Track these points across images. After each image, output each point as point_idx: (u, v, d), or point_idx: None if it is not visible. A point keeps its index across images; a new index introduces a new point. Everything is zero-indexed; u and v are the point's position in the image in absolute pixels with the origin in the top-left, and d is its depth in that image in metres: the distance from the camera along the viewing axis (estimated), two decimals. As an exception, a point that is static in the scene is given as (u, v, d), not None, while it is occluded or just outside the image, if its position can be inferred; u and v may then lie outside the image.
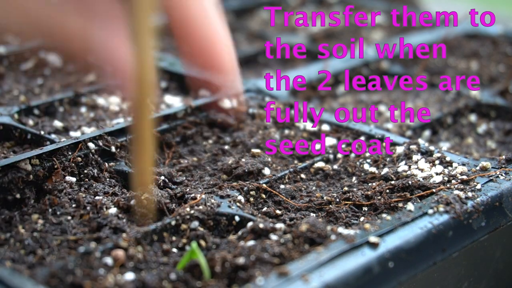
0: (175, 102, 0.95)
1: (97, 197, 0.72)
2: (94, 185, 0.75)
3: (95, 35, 0.63)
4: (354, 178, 0.80)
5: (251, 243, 0.65)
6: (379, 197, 0.74)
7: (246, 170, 0.79)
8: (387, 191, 0.75)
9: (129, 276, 0.61)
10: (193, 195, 0.72)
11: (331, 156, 0.84)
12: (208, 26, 0.70)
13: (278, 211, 0.73)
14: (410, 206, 0.70)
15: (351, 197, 0.75)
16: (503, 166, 0.79)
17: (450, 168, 0.78)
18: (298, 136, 0.87)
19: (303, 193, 0.78)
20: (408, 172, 0.78)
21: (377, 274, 0.62)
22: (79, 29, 0.63)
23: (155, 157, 0.68)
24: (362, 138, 0.85)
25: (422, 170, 0.78)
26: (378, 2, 1.44)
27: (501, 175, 0.76)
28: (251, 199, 0.75)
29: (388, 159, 0.81)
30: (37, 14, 0.63)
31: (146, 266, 0.63)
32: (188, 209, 0.69)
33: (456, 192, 0.72)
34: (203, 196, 0.72)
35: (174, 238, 0.68)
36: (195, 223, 0.69)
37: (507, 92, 1.02)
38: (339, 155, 0.83)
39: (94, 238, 0.66)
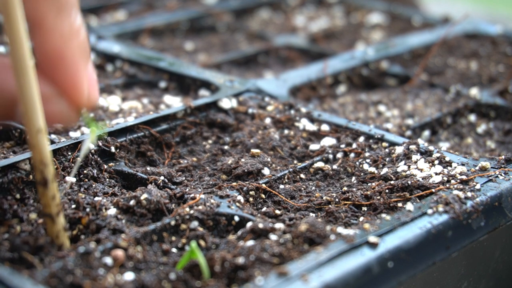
0: (174, 102, 0.95)
1: (96, 198, 0.72)
2: (93, 185, 0.75)
3: None
4: (353, 178, 0.80)
5: (250, 243, 0.65)
6: (379, 197, 0.74)
7: (246, 170, 0.79)
8: (387, 191, 0.75)
9: (129, 276, 0.61)
10: (192, 195, 0.72)
11: (331, 156, 0.84)
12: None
13: (277, 211, 0.73)
14: (409, 206, 0.70)
15: (350, 197, 0.75)
16: (503, 166, 0.79)
17: (449, 168, 0.78)
18: (297, 136, 0.87)
19: (303, 193, 0.78)
20: (408, 172, 0.78)
21: (377, 274, 0.62)
22: None
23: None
24: (362, 138, 0.85)
25: (421, 170, 0.78)
26: (378, 2, 1.44)
27: (501, 175, 0.76)
28: (251, 199, 0.75)
29: (387, 159, 0.81)
30: None
31: (145, 266, 0.63)
32: (187, 209, 0.69)
33: (455, 192, 0.72)
34: (203, 196, 0.72)
35: (173, 238, 0.68)
36: (195, 223, 0.69)
37: (506, 92, 1.02)
38: (339, 155, 0.84)
39: (94, 240, 0.66)
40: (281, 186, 0.78)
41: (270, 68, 1.18)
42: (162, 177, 0.77)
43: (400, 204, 0.73)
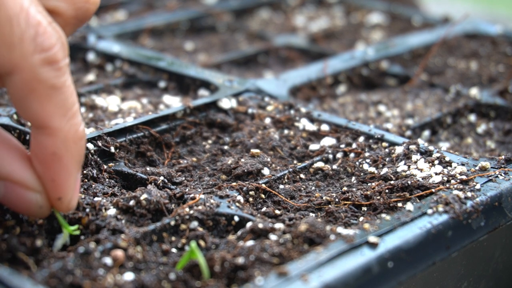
0: (174, 102, 0.95)
1: (96, 198, 0.72)
2: (93, 185, 0.75)
3: None
4: (353, 178, 0.80)
5: (250, 243, 0.65)
6: (379, 197, 0.74)
7: (246, 170, 0.79)
8: (387, 191, 0.75)
9: (129, 276, 0.61)
10: (192, 195, 0.72)
11: (331, 156, 0.84)
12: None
13: (277, 211, 0.73)
14: (409, 206, 0.70)
15: (350, 197, 0.75)
16: (503, 166, 0.79)
17: (449, 168, 0.78)
18: (297, 136, 0.87)
19: (303, 193, 0.78)
20: (408, 172, 0.78)
21: (377, 274, 0.62)
22: None
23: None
24: (362, 138, 0.85)
25: (421, 170, 0.78)
26: (378, 2, 1.44)
27: (500, 175, 0.76)
28: (251, 199, 0.75)
29: (387, 159, 0.81)
30: None
31: (145, 266, 0.63)
32: (187, 209, 0.69)
33: (455, 192, 0.72)
34: (202, 196, 0.72)
35: (173, 238, 0.68)
36: (195, 223, 0.69)
37: (506, 92, 1.02)
38: (339, 155, 0.83)
39: (93, 240, 0.66)
40: (281, 186, 0.78)
41: (270, 68, 1.18)
42: (161, 177, 0.77)
43: (400, 204, 0.73)
